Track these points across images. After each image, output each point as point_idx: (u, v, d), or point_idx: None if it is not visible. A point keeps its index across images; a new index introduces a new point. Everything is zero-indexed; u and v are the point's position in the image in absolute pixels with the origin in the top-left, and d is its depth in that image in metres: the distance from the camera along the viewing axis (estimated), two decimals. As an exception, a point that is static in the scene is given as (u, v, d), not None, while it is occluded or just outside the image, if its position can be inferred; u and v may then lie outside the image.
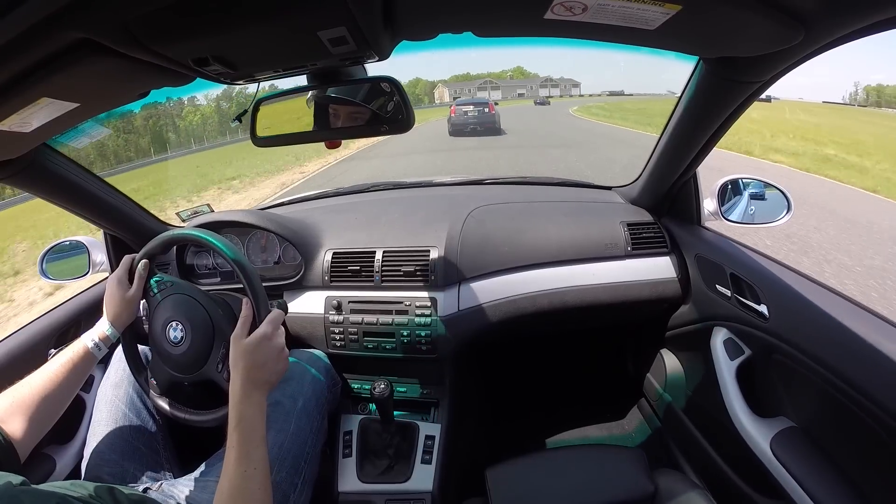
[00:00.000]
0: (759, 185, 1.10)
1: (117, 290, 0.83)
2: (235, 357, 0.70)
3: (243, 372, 0.68)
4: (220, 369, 0.80)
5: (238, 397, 0.66)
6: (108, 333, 0.81)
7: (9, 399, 0.70)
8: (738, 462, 0.99)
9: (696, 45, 0.63)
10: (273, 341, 0.72)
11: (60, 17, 0.39)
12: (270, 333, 0.72)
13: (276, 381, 0.73)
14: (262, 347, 0.71)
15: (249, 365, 0.69)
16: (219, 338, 0.81)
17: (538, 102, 39.72)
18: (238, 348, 0.71)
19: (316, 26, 0.50)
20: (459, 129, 13.10)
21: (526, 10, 0.50)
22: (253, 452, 0.63)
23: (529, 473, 0.87)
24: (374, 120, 0.70)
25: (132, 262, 0.86)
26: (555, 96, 67.66)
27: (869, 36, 0.52)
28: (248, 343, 0.71)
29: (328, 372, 1.05)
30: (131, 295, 0.84)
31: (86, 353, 0.78)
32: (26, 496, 0.49)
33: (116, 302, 0.83)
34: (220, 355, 0.80)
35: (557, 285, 1.14)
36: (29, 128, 0.63)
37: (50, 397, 0.73)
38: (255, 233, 1.24)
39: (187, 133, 46.09)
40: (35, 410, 0.70)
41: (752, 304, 0.89)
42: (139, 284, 0.85)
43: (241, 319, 0.74)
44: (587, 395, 1.66)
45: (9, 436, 0.66)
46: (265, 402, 0.69)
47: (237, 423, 0.64)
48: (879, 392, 0.61)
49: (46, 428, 0.73)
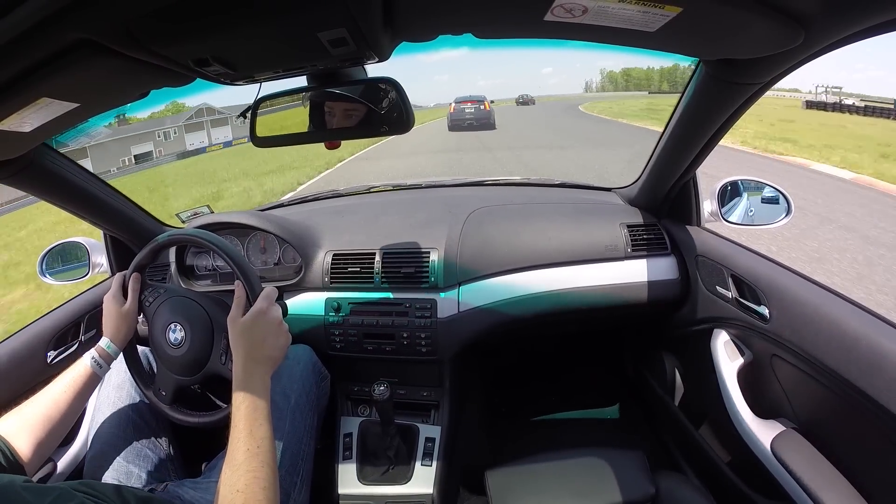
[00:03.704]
0: (758, 186, 1.10)
1: (113, 306, 0.84)
2: (234, 338, 0.70)
3: (244, 351, 0.68)
4: (224, 361, 0.80)
5: (241, 377, 0.66)
6: (109, 351, 0.81)
7: (16, 421, 0.70)
8: (739, 464, 0.98)
9: (697, 47, 0.63)
10: (269, 316, 0.72)
11: (60, 17, 0.39)
12: (265, 308, 0.72)
13: (279, 356, 0.72)
14: (259, 324, 0.70)
15: (249, 343, 0.69)
16: (218, 332, 0.81)
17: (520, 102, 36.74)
18: (236, 329, 0.71)
19: (316, 27, 0.50)
20: (458, 123, 14.44)
21: (526, 11, 0.50)
22: (256, 430, 0.62)
23: (530, 475, 0.87)
24: (374, 120, 0.70)
25: (124, 279, 0.87)
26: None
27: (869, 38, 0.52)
28: (245, 321, 0.71)
29: (315, 367, 1.05)
30: (127, 309, 0.85)
31: (88, 373, 0.79)
32: (30, 493, 0.48)
33: (113, 318, 0.84)
34: (222, 347, 0.80)
35: (557, 287, 1.14)
36: (29, 128, 0.63)
37: (55, 418, 0.73)
38: (254, 234, 1.24)
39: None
40: (40, 431, 0.70)
41: (753, 305, 0.88)
42: (133, 298, 0.86)
43: (235, 301, 0.74)
44: (587, 396, 1.66)
45: (17, 454, 0.66)
46: (269, 380, 0.69)
47: (241, 402, 0.64)
48: (880, 394, 0.61)
49: (52, 448, 0.73)
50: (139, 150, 29.88)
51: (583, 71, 33.37)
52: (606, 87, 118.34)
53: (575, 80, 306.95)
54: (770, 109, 17.65)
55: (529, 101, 36.76)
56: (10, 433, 0.67)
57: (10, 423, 0.69)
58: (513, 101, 39.90)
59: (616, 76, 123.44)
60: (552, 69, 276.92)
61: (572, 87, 54.71)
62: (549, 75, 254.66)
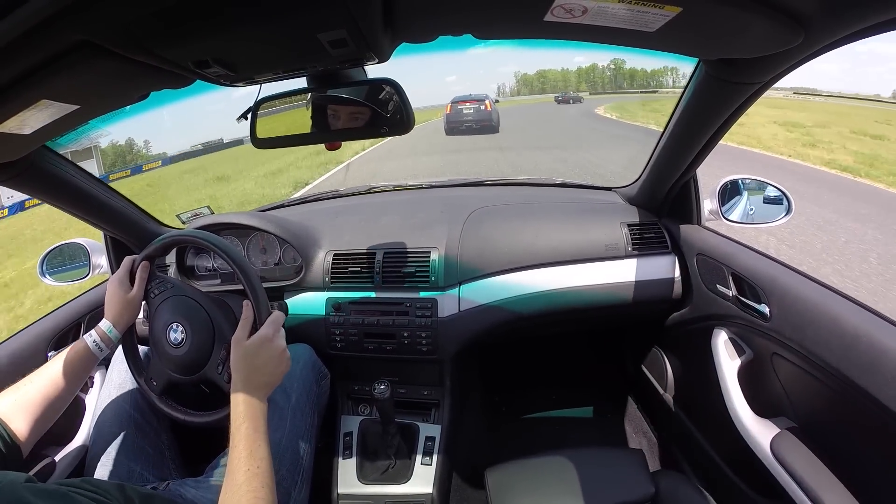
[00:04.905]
0: (759, 185, 1.10)
1: (118, 291, 0.83)
2: (237, 359, 0.70)
3: (244, 374, 0.69)
4: (220, 371, 0.80)
5: (240, 398, 0.67)
6: (109, 334, 0.81)
7: (12, 398, 0.70)
8: (739, 463, 0.99)
9: (696, 46, 0.63)
10: (274, 343, 0.72)
11: (60, 18, 0.39)
12: (271, 335, 0.73)
13: (276, 382, 0.73)
14: (263, 350, 0.71)
15: (250, 367, 0.69)
16: (219, 339, 0.81)
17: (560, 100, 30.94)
18: (239, 351, 0.71)
19: (316, 28, 0.50)
20: (455, 126, 12.51)
21: (525, 12, 0.50)
22: (256, 451, 0.63)
23: (530, 474, 0.87)
24: (374, 121, 0.70)
25: (133, 264, 0.86)
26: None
27: (869, 37, 0.52)
28: (249, 346, 0.71)
29: (315, 366, 1.05)
30: (132, 296, 0.84)
31: (87, 353, 0.78)
32: (32, 493, 0.49)
33: (117, 303, 0.83)
34: (220, 357, 0.80)
35: (558, 286, 1.14)
36: (29, 130, 0.63)
37: (52, 397, 0.73)
38: (255, 234, 1.24)
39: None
40: (38, 410, 0.70)
41: (753, 303, 0.88)
42: (140, 286, 0.85)
43: (242, 321, 0.74)
44: (587, 395, 1.66)
45: (14, 435, 0.66)
46: (266, 403, 0.70)
47: (241, 423, 0.65)
48: (881, 392, 0.61)
49: (47, 426, 0.73)
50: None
51: (486, 77, 31.74)
52: (522, 90, 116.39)
53: (479, 86, 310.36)
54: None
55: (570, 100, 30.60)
56: (8, 414, 0.67)
57: (7, 403, 0.69)
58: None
59: (531, 79, 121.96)
60: (455, 77, 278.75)
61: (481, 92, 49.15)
62: (454, 83, 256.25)
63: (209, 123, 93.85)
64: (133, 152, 38.44)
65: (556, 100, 31.79)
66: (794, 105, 19.72)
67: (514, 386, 1.73)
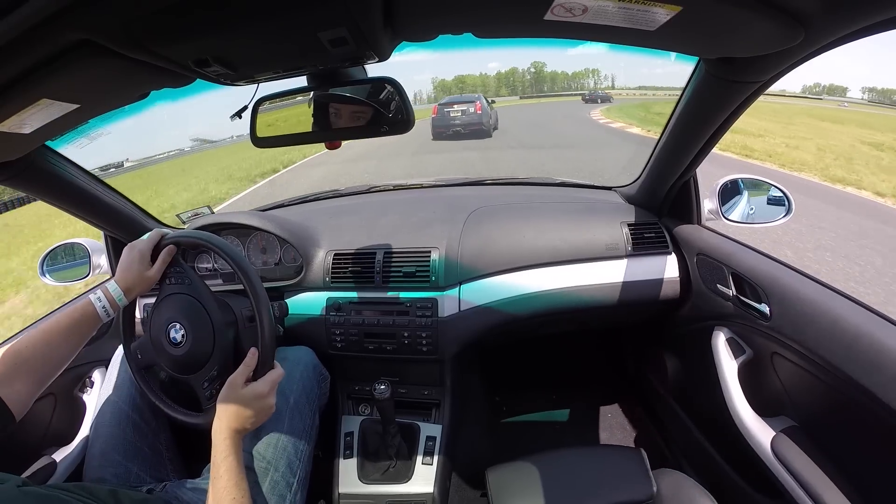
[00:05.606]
0: (759, 184, 1.10)
1: (139, 264, 0.80)
2: (226, 399, 0.72)
3: (231, 414, 0.71)
4: (205, 387, 0.80)
5: (224, 435, 0.69)
6: (116, 298, 0.78)
7: (6, 355, 0.67)
8: (740, 462, 0.99)
9: (697, 45, 0.63)
10: (265, 401, 0.74)
11: (60, 17, 0.39)
12: (265, 394, 0.74)
13: (252, 429, 0.75)
14: (254, 403, 0.72)
15: (236, 413, 0.71)
16: (217, 348, 0.81)
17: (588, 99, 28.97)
18: (232, 394, 0.72)
19: (316, 27, 0.50)
20: (441, 131, 11.36)
21: (526, 11, 0.50)
22: (241, 482, 0.67)
23: (530, 474, 0.87)
24: (374, 120, 0.70)
25: (161, 240, 0.84)
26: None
27: (869, 36, 0.52)
28: (243, 394, 0.72)
29: (315, 368, 1.05)
30: (151, 276, 0.82)
31: (93, 316, 0.75)
32: (26, 497, 0.49)
33: (134, 275, 0.80)
34: (211, 374, 0.80)
35: (558, 286, 1.14)
36: (29, 129, 0.63)
37: (50, 357, 0.70)
38: (255, 234, 1.24)
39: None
40: (34, 370, 0.68)
41: (754, 303, 0.88)
42: (160, 268, 0.83)
43: (243, 366, 0.75)
44: (588, 395, 1.66)
45: (6, 404, 0.63)
46: (241, 443, 0.72)
47: (224, 458, 0.67)
48: (881, 391, 0.61)
49: (44, 386, 0.70)
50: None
51: (402, 84, 30.26)
52: (439, 95, 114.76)
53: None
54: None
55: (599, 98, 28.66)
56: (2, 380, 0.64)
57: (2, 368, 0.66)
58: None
59: (449, 84, 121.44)
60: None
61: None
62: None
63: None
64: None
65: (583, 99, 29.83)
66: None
67: (515, 386, 1.73)
